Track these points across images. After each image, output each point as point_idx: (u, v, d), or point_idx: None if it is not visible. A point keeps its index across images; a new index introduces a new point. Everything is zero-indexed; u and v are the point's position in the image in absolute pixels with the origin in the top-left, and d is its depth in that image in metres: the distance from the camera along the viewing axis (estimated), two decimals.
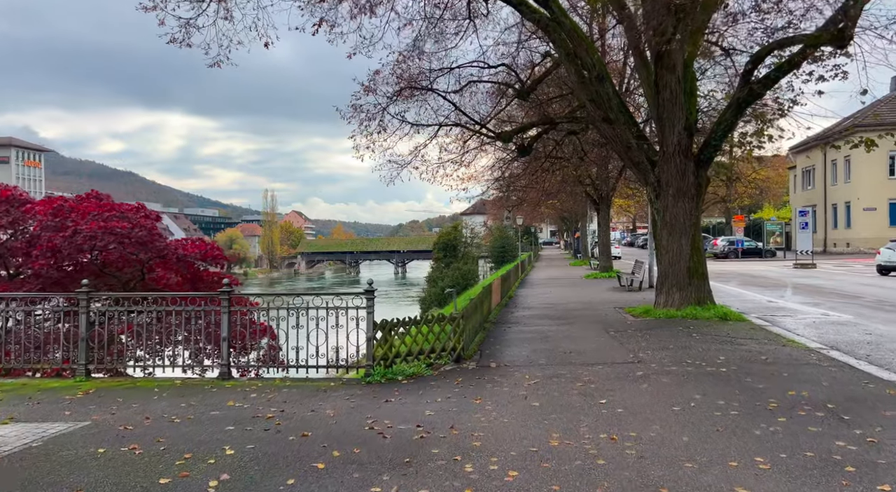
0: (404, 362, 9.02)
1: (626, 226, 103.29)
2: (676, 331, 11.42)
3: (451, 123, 15.96)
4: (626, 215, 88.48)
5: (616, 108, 13.43)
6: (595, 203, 30.51)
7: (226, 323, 8.82)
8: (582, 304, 17.29)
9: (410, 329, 9.20)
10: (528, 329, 12.49)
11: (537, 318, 14.34)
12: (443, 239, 61.83)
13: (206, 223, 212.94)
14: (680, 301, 13.57)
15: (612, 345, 10.32)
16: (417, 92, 15.83)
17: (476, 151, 17.69)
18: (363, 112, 14.55)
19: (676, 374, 8.04)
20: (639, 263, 22.57)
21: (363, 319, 8.81)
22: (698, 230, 13.90)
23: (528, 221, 66.28)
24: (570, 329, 12.29)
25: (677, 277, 13.66)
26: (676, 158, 13.33)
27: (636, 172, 14.28)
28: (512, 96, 17.31)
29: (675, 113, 13.13)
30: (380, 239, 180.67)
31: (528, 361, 9.24)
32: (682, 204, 13.54)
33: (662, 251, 13.89)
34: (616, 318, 13.78)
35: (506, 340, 11.28)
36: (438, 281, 53.94)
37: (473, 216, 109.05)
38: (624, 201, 45.93)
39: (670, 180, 13.50)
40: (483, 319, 12.44)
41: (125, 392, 7.81)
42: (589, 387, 7.47)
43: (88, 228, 9.83)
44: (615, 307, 15.87)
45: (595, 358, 9.28)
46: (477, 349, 10.33)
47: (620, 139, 13.64)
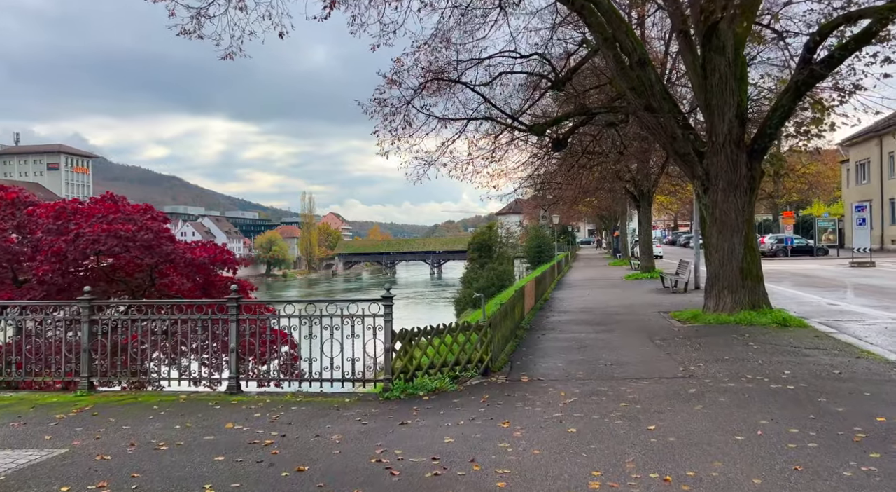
0: (426, 376, 8.19)
1: (667, 224, 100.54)
2: (730, 339, 10.29)
3: (480, 117, 15.05)
4: (667, 213, 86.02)
5: (659, 94, 12.34)
6: (635, 200, 29.16)
7: (234, 333, 8.13)
8: (623, 307, 16.19)
9: (433, 339, 8.36)
10: (563, 336, 11.51)
11: (574, 323, 13.33)
12: (477, 239, 60.86)
13: (247, 226, 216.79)
14: (732, 305, 12.39)
15: (659, 356, 9.29)
16: (444, 84, 14.98)
17: (507, 147, 16.75)
18: (387, 106, 13.79)
19: (736, 392, 7.00)
20: (683, 263, 21.27)
21: (381, 328, 8.03)
22: (752, 227, 12.70)
23: (564, 220, 64.83)
24: (611, 337, 11.27)
25: (729, 279, 12.49)
26: (727, 148, 12.17)
27: (682, 165, 13.16)
28: (546, 88, 16.31)
29: (726, 99, 11.97)
30: (416, 240, 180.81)
31: (564, 375, 8.30)
32: (734, 199, 12.37)
33: (712, 250, 12.73)
34: (661, 324, 12.68)
35: (539, 349, 10.34)
36: (473, 282, 53.04)
37: (509, 216, 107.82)
38: (665, 198, 44.21)
39: (720, 173, 12.34)
40: (515, 326, 11.53)
41: (123, 409, 7.18)
42: (634, 408, 6.50)
43: (91, 232, 9.31)
44: (659, 311, 14.73)
45: (640, 372, 8.28)
46: (507, 360, 9.43)
47: (664, 129, 12.54)
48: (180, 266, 9.80)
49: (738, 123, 12.11)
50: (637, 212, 34.31)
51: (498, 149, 16.67)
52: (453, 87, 15.27)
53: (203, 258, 9.79)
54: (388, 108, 13.85)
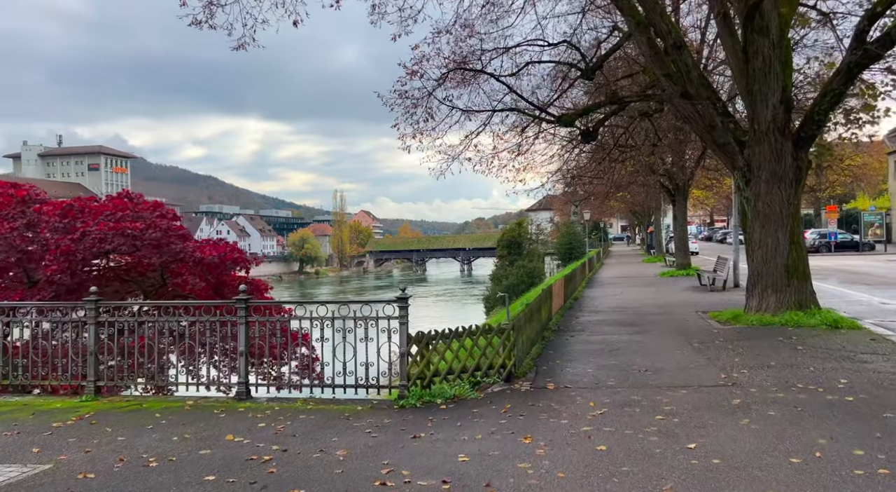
0: (444, 382, 7.65)
1: (703, 219, 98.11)
2: (776, 342, 9.50)
3: (506, 109, 14.42)
4: (702, 208, 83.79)
5: (696, 80, 11.54)
6: (670, 194, 28.09)
7: (243, 335, 7.71)
8: (657, 307, 15.39)
9: (451, 343, 7.81)
10: (594, 339, 10.84)
11: (605, 324, 12.63)
12: (506, 236, 59.98)
13: (280, 224, 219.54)
14: (777, 305, 11.55)
15: (698, 361, 8.57)
16: (468, 75, 14.39)
17: (535, 140, 16.06)
18: (408, 98, 13.27)
19: (786, 404, 6.28)
20: (722, 260, 20.28)
21: (396, 331, 7.52)
22: (798, 222, 11.82)
23: (596, 215, 63.56)
24: (645, 339, 10.56)
25: (773, 277, 11.64)
26: (771, 136, 11.32)
27: (721, 156, 12.34)
28: (575, 77, 15.58)
29: (770, 83, 11.12)
30: (446, 237, 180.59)
31: (594, 382, 7.67)
32: (778, 191, 11.51)
33: (754, 246, 11.89)
34: (699, 325, 11.90)
35: (567, 352, 9.71)
36: (502, 279, 52.24)
37: (539, 212, 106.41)
38: (701, 193, 42.79)
39: (763, 163, 11.50)
40: (541, 327, 10.91)
41: (124, 418, 6.81)
42: (671, 422, 5.85)
43: (98, 230, 9.02)
44: (697, 311, 13.91)
45: (677, 379, 7.59)
46: (532, 365, 8.82)
47: (702, 117, 11.74)
48: (190, 265, 9.45)
49: (784, 110, 11.25)
50: (672, 207, 33.19)
51: (524, 142, 16.00)
52: (477, 77, 14.68)
53: (213, 257, 9.39)
54: (409, 101, 13.33)
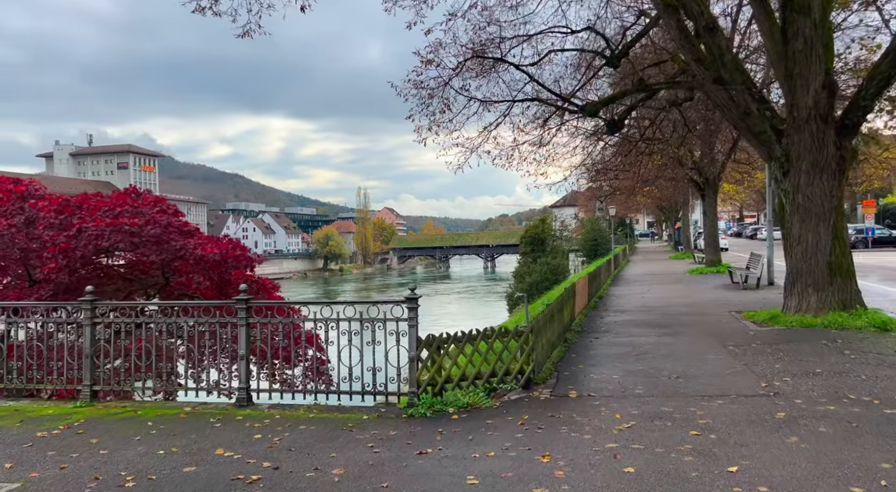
0: (457, 389, 7.10)
1: (732, 215, 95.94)
2: (819, 346, 8.74)
3: (527, 99, 13.78)
4: (731, 204, 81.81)
5: (730, 64, 10.78)
6: (700, 188, 27.10)
7: (243, 338, 7.25)
8: (687, 306, 14.62)
9: (464, 347, 7.25)
10: (620, 341, 10.18)
11: (632, 325, 11.94)
12: (530, 233, 59.04)
13: (305, 221, 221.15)
14: (818, 305, 10.75)
15: (734, 367, 7.87)
16: (487, 64, 13.77)
17: (557, 131, 15.39)
18: (423, 88, 12.72)
19: (839, 419, 5.59)
20: (755, 257, 19.37)
21: (405, 334, 6.99)
22: (841, 215, 11.00)
23: (622, 211, 62.34)
24: (675, 342, 9.86)
25: (814, 275, 10.84)
26: (812, 123, 10.51)
27: (756, 146, 11.56)
28: (600, 65, 14.87)
29: (811, 67, 10.32)
30: (469, 234, 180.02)
31: (620, 390, 7.04)
32: (820, 182, 10.70)
33: (793, 242, 11.10)
34: (734, 326, 11.15)
35: (591, 356, 9.07)
36: (525, 277, 51.45)
37: (564, 209, 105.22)
38: (731, 187, 41.47)
39: (803, 153, 10.70)
40: (564, 328, 10.28)
41: (114, 426, 6.39)
42: (708, 439, 5.21)
43: (94, 226, 8.65)
44: (730, 311, 13.13)
45: (712, 387, 6.93)
46: (553, 370, 8.22)
47: (736, 104, 10.97)
48: (191, 263, 9.03)
49: (826, 95, 10.43)
50: (700, 202, 32.11)
51: (546, 134, 15.34)
52: (497, 67, 14.05)
53: (214, 254, 8.92)
54: (424, 91, 12.77)
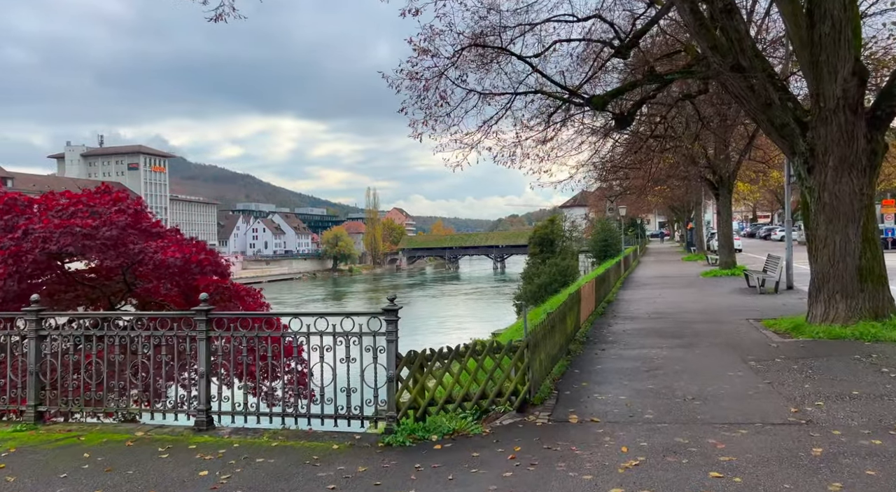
0: (443, 412, 6.27)
1: (745, 215, 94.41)
2: (852, 363, 7.82)
3: (529, 91, 12.93)
4: (744, 204, 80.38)
5: (750, 50, 9.88)
6: (713, 188, 26.08)
7: (203, 353, 6.46)
8: (702, 312, 13.69)
9: (451, 364, 6.42)
10: (628, 353, 9.30)
11: (642, 334, 11.05)
12: (539, 233, 58.13)
13: (315, 222, 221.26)
14: (847, 314, 9.81)
15: (757, 386, 6.98)
16: (488, 54, 12.92)
17: (562, 126, 14.48)
18: (418, 79, 11.90)
19: (888, 457, 4.70)
20: (773, 259, 18.36)
21: (383, 349, 6.16)
22: (872, 215, 10.05)
23: (632, 211, 61.26)
24: (689, 355, 8.96)
25: (842, 281, 9.90)
26: (840, 115, 9.58)
27: (778, 140, 10.63)
28: (608, 56, 13.98)
29: (839, 52, 9.39)
30: (478, 234, 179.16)
31: (628, 415, 6.17)
32: (849, 179, 9.77)
33: (819, 245, 10.17)
34: (753, 336, 10.22)
35: (596, 371, 8.20)
36: (534, 278, 50.61)
37: (574, 209, 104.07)
38: (745, 186, 40.31)
39: (831, 147, 9.76)
40: (567, 339, 9.41)
41: (44, 457, 5.62)
42: (731, 483, 4.34)
43: (42, 228, 7.90)
44: (748, 319, 12.19)
45: (733, 412, 6.04)
46: (553, 388, 7.36)
47: (756, 94, 10.05)
48: (150, 269, 8.25)
49: (856, 83, 9.49)
50: (713, 201, 31.06)
51: (551, 129, 14.45)
52: (498, 59, 13.20)
53: (175, 259, 8.09)
54: (419, 82, 11.94)
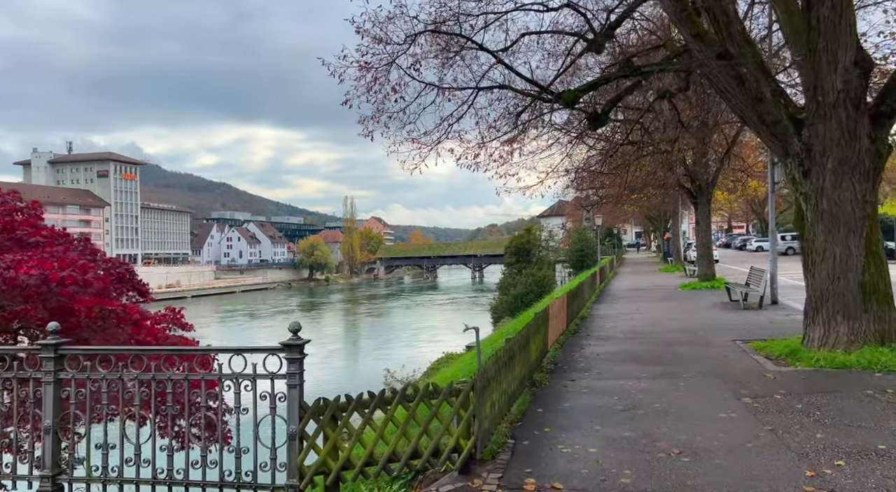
0: (362, 478, 4.85)
1: (720, 225, 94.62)
2: (867, 401, 6.55)
3: (493, 86, 11.64)
4: (720, 214, 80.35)
5: (739, 36, 8.68)
6: (692, 196, 25.08)
7: (50, 400, 4.97)
8: (683, 331, 12.44)
9: (372, 414, 4.99)
10: (602, 386, 7.94)
11: (618, 359, 9.72)
12: (515, 243, 57.00)
13: (292, 230, 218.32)
14: (849, 338, 8.60)
15: (758, 435, 5.66)
16: (452, 48, 11.60)
17: (530, 126, 13.19)
18: (367, 70, 10.52)
19: None
20: (756, 272, 17.27)
21: (283, 397, 4.73)
22: (876, 225, 8.89)
23: (609, 221, 60.44)
24: (672, 388, 7.63)
25: (843, 299, 8.69)
26: (841, 110, 8.41)
27: (768, 139, 9.45)
28: (581, 50, 12.75)
29: (840, 38, 8.23)
30: (457, 243, 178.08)
31: (599, 478, 4.80)
32: (850, 183, 8.60)
33: (816, 258, 8.96)
34: (744, 364, 8.93)
35: (563, 411, 6.83)
36: (510, 289, 49.47)
37: (552, 218, 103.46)
38: (723, 196, 39.57)
39: (829, 147, 8.59)
40: (530, 368, 8.05)
41: None
42: None
43: None
44: (735, 340, 10.94)
45: (732, 476, 4.70)
46: (509, 435, 5.97)
47: (745, 87, 8.85)
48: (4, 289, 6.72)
49: (859, 74, 8.33)
50: (689, 210, 30.13)
51: (519, 130, 13.16)
52: (461, 51, 11.87)
53: (30, 277, 6.47)
54: (368, 73, 10.55)
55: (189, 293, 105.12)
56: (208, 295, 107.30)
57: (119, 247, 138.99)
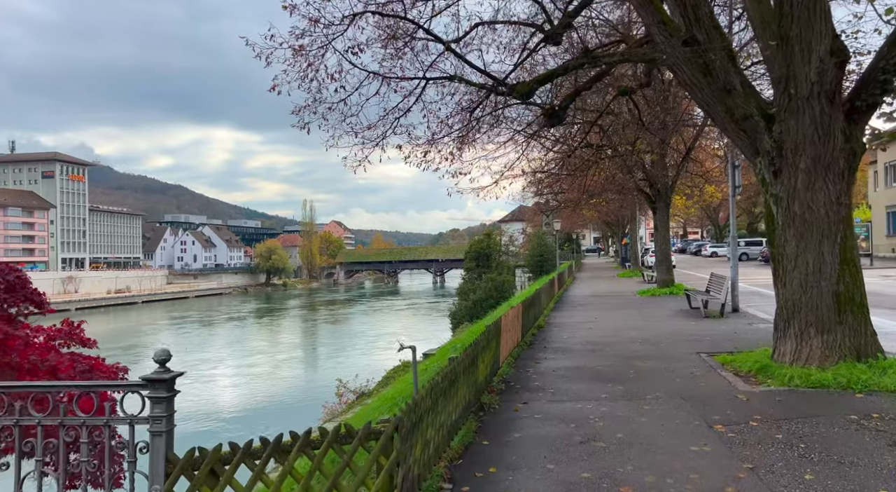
0: None
1: (675, 231, 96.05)
2: (853, 428, 5.78)
3: (442, 77, 10.69)
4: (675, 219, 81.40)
5: (707, 20, 7.94)
6: (651, 200, 24.65)
7: None
8: (645, 342, 11.69)
9: (264, 466, 3.92)
10: (557, 410, 7.01)
11: (576, 376, 8.83)
12: (475, 248, 56.32)
13: (249, 234, 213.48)
14: (823, 352, 7.91)
15: (737, 474, 4.79)
16: (399, 31, 10.56)
17: (484, 125, 12.30)
18: (301, 54, 9.44)
19: None
20: (717, 279, 16.75)
21: (145, 448, 3.64)
22: (851, 230, 8.23)
23: (568, 226, 60.32)
24: (636, 413, 6.75)
25: (817, 311, 8.00)
26: (815, 104, 7.73)
27: (736, 137, 8.73)
28: (538, 42, 11.91)
29: (815, 24, 7.55)
30: (418, 248, 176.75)
31: None
32: (824, 184, 7.93)
33: (787, 265, 8.26)
34: (713, 382, 8.14)
35: (512, 443, 5.86)
36: (470, 294, 48.68)
37: (512, 224, 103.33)
38: (681, 201, 39.57)
39: (802, 144, 7.90)
40: (479, 389, 7.08)
41: None
42: None
43: None
44: (699, 353, 10.20)
45: None
46: (446, 478, 4.98)
47: (713, 77, 8.11)
48: None
49: (835, 65, 7.67)
50: (647, 216, 29.81)
51: (473, 126, 12.24)
52: (411, 42, 10.88)
53: None
54: (302, 57, 9.44)
55: (139, 299, 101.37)
56: (160, 301, 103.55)
57: (65, 251, 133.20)
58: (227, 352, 46.12)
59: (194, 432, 23.82)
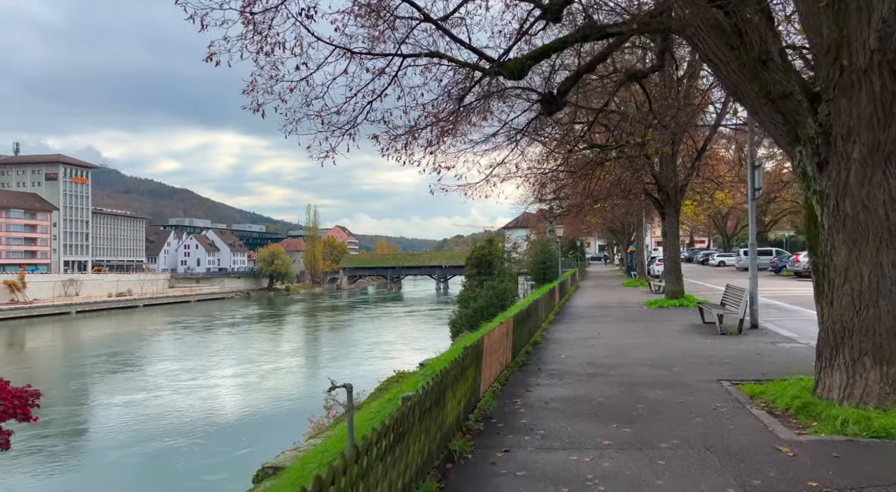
0: None
1: (682, 240, 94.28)
2: None
3: (421, 53, 9.20)
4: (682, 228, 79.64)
5: None
6: (660, 206, 23.06)
7: None
8: (655, 365, 10.07)
9: None
10: (545, 464, 5.42)
11: (572, 412, 7.23)
12: (476, 254, 54.85)
13: (253, 239, 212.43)
14: (883, 389, 6.31)
15: None
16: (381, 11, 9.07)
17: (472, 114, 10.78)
18: (249, 22, 7.95)
19: None
20: (733, 291, 15.13)
21: None
22: None
23: (572, 232, 58.72)
24: (648, 471, 5.16)
25: (873, 336, 6.41)
26: (875, 78, 6.17)
27: (771, 120, 7.18)
28: (535, 19, 10.40)
29: None
30: (422, 254, 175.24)
31: None
32: (885, 178, 6.36)
33: (834, 278, 6.68)
34: (743, 424, 6.51)
35: None
36: (471, 301, 47.22)
37: (516, 230, 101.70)
38: (690, 208, 37.89)
39: (857, 128, 6.34)
40: (448, 433, 5.52)
41: None
42: None
43: None
44: (720, 381, 8.59)
45: None
46: None
47: (746, 46, 6.57)
48: None
49: None
50: (655, 222, 28.21)
51: (461, 117, 10.71)
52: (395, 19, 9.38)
53: None
54: (263, 23, 7.95)
55: (141, 303, 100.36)
56: (161, 304, 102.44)
57: (68, 253, 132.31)
58: (217, 360, 44.62)
59: (156, 451, 22.20)
